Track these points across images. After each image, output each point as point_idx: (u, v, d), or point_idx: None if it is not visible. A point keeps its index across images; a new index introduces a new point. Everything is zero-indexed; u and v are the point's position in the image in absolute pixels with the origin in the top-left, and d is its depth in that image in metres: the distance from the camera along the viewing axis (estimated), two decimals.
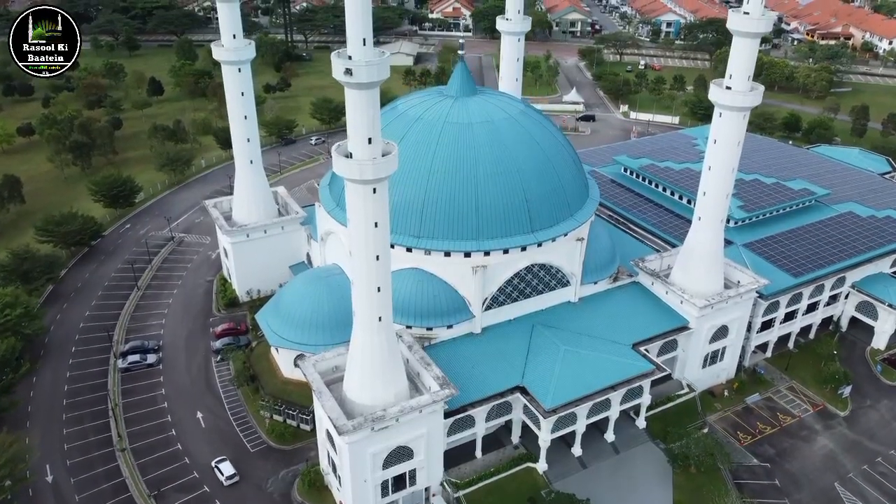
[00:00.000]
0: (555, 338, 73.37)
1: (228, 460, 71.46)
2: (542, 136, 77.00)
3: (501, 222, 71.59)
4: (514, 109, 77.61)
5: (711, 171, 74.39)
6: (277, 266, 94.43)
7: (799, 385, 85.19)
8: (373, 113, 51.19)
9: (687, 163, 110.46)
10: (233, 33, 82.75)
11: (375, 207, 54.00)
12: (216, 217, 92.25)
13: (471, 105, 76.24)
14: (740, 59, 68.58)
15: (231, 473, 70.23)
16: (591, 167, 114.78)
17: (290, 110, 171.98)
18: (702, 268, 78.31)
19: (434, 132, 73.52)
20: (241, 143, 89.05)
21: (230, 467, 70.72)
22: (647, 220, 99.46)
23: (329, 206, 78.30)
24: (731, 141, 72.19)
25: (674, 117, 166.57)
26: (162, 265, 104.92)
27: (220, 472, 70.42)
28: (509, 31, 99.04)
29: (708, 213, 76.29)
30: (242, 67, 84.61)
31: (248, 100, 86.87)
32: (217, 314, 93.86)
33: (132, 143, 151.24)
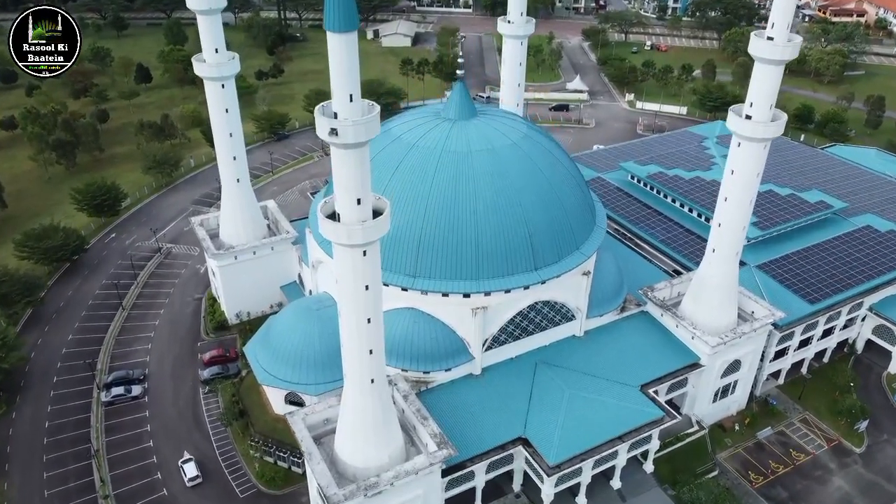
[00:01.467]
0: (559, 379, 69.52)
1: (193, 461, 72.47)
2: (545, 162, 71.96)
3: (503, 260, 67.07)
4: (516, 134, 72.39)
5: (728, 202, 69.49)
6: (268, 287, 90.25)
7: (812, 417, 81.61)
8: (362, 172, 46.32)
9: (697, 170, 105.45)
10: (215, 47, 76.99)
11: (366, 270, 49.46)
12: (202, 237, 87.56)
13: (470, 130, 71.05)
14: (762, 88, 63.18)
15: (194, 475, 70.97)
16: (596, 173, 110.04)
17: (283, 100, 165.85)
18: (715, 301, 74.04)
19: (431, 162, 68.49)
20: (226, 162, 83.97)
21: (194, 468, 71.56)
22: (655, 235, 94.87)
23: (319, 237, 73.57)
24: (750, 173, 67.20)
25: (681, 107, 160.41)
26: (148, 281, 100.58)
27: (184, 472, 71.64)
28: (512, 34, 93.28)
29: (723, 245, 71.62)
30: (226, 83, 79.04)
31: (233, 116, 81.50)
32: (205, 338, 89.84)
33: (119, 136, 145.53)
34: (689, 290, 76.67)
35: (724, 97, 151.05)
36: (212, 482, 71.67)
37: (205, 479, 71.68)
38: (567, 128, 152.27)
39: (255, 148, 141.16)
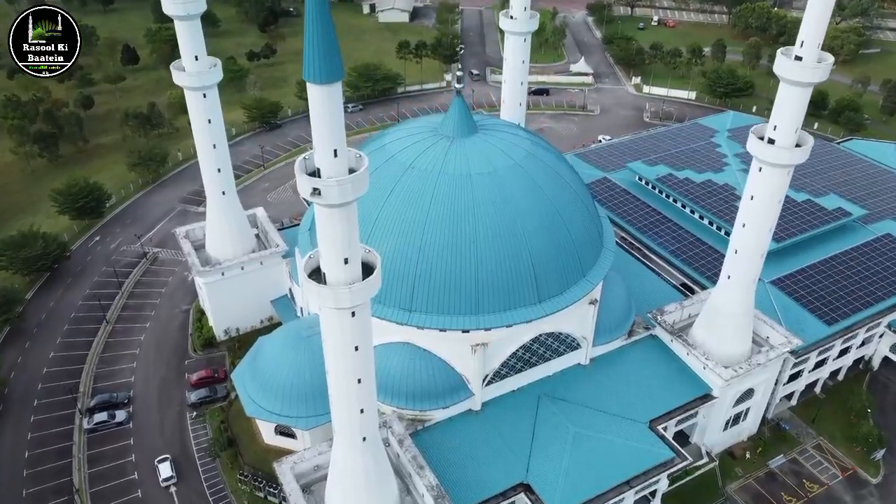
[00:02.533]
0: (563, 415, 65.80)
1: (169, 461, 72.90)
2: (550, 183, 66.97)
3: (504, 293, 62.65)
4: (519, 152, 67.25)
5: (746, 228, 64.73)
6: (258, 301, 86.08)
7: (827, 443, 78.19)
8: (350, 230, 41.69)
9: (708, 172, 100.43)
10: (195, 54, 71.41)
11: (356, 330, 45.20)
12: (187, 252, 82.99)
13: (469, 149, 65.94)
14: (789, 111, 58.03)
15: (168, 476, 71.16)
16: (602, 172, 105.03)
17: (276, 83, 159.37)
18: (728, 330, 69.89)
19: (428, 186, 63.56)
20: (211, 174, 78.95)
21: (168, 469, 71.68)
22: (664, 245, 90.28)
23: None
24: (772, 199, 62.37)
25: (690, 92, 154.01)
26: (134, 290, 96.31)
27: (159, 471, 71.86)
28: (515, 31, 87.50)
29: (739, 273, 67.14)
30: (208, 92, 73.62)
31: (216, 127, 76.23)
32: (193, 355, 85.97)
33: (105, 124, 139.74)
34: (701, 315, 72.46)
35: (735, 82, 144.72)
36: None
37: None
38: (571, 115, 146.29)
39: (246, 138, 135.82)
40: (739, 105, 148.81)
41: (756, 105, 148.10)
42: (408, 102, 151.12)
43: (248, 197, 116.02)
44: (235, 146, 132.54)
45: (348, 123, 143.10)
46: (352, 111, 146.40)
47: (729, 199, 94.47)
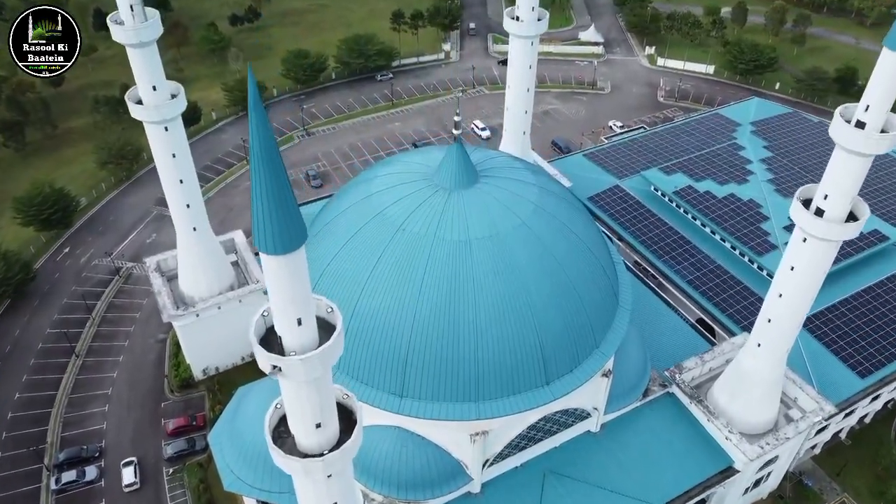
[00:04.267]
0: (570, 499, 59.78)
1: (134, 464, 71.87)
2: (560, 243, 58.69)
3: (508, 376, 55.36)
4: (526, 207, 58.66)
5: (783, 299, 56.96)
6: (238, 338, 77.89)
7: (851, 501, 72.63)
8: (324, 398, 34.28)
9: (730, 183, 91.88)
10: (152, 84, 61.86)
11: (330, 493, 38.55)
12: (157, 290, 75.46)
13: (468, 205, 57.38)
14: (844, 181, 49.42)
15: (131, 482, 70.23)
16: (614, 179, 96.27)
17: (261, 52, 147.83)
18: (755, 398, 63.17)
19: (421, 253, 55.38)
20: (179, 211, 70.52)
21: (132, 475, 70.76)
22: (681, 273, 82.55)
23: None
24: (816, 272, 54.46)
25: (708, 66, 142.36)
26: (105, 315, 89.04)
27: None
28: (521, 34, 77.82)
29: (772, 343, 59.84)
30: (171, 125, 64.38)
31: (182, 161, 67.38)
32: (170, 396, 79.55)
33: (75, 103, 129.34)
34: (725, 378, 65.54)
35: (758, 58, 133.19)
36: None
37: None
38: (579, 94, 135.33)
39: (228, 124, 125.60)
40: (762, 81, 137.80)
41: (779, 81, 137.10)
42: (403, 78, 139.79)
43: (229, 198, 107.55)
44: (216, 134, 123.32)
45: (339, 105, 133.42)
46: (381, 79, 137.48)
47: (754, 219, 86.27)
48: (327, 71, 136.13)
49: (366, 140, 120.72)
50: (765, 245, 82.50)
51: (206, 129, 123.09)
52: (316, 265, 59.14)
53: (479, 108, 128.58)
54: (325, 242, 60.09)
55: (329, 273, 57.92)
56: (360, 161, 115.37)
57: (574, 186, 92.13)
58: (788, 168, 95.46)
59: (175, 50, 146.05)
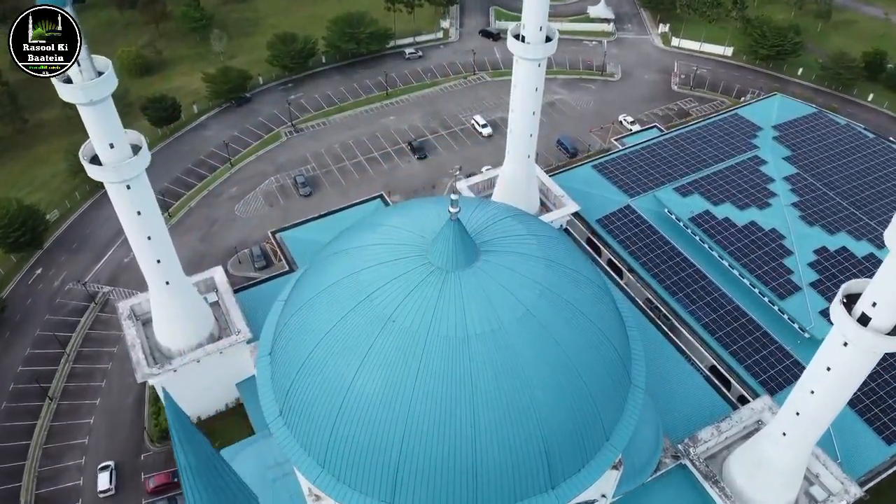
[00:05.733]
0: None
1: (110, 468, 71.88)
2: (569, 330, 52.75)
3: (509, 482, 50.34)
4: (532, 290, 52.36)
5: (815, 396, 51.40)
6: (221, 386, 74.42)
7: None
8: None
9: (751, 208, 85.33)
10: (109, 143, 54.67)
11: None
12: (131, 343, 69.77)
13: (467, 291, 51.14)
14: None
15: (105, 488, 70.40)
16: (625, 197, 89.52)
17: (247, 30, 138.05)
18: (776, 483, 58.49)
19: (413, 352, 49.45)
20: (149, 267, 64.07)
21: (106, 480, 70.92)
22: (696, 314, 76.79)
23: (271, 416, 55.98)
24: (854, 377, 48.76)
25: (726, 48, 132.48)
26: (81, 350, 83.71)
27: None
28: (528, 56, 70.09)
29: (798, 434, 54.71)
30: (133, 183, 57.37)
31: (149, 217, 60.48)
32: (151, 448, 75.07)
33: (47, 92, 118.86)
34: (743, 456, 60.67)
35: (782, 43, 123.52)
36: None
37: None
38: (587, 82, 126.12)
39: (210, 118, 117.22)
40: (783, 66, 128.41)
41: (802, 66, 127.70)
42: (398, 63, 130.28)
43: (212, 209, 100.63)
44: (197, 130, 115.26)
45: (329, 95, 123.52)
46: (409, 57, 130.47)
47: (776, 253, 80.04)
48: (317, 56, 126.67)
49: (358, 138, 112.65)
50: (787, 286, 76.46)
51: (187, 124, 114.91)
52: (297, 353, 53.73)
53: (480, 100, 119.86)
54: (306, 327, 54.22)
55: (311, 367, 52.13)
56: (352, 164, 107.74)
57: (582, 206, 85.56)
58: (813, 188, 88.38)
59: (153, 27, 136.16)
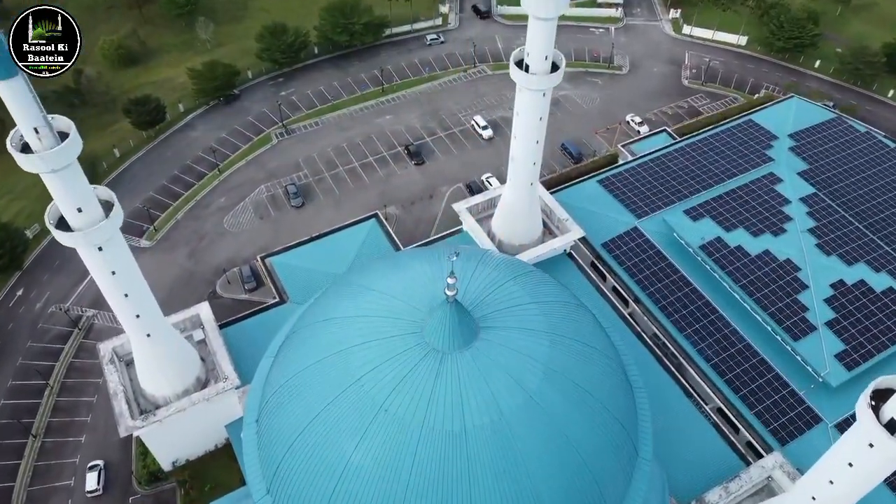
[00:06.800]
0: None
1: None
2: (575, 415, 49.56)
3: None
4: (535, 372, 48.83)
5: (833, 486, 48.50)
6: (209, 429, 71.62)
7: None
8: None
9: (765, 234, 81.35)
10: (77, 207, 50.30)
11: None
12: (113, 391, 66.38)
13: (465, 377, 47.62)
14: None
15: (93, 488, 71.25)
16: (633, 218, 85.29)
17: (235, 15, 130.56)
18: None
19: (407, 446, 46.19)
20: (128, 322, 60.28)
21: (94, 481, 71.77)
22: (704, 353, 73.48)
23: (259, 493, 53.09)
24: (877, 475, 45.69)
25: (741, 37, 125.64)
26: (65, 381, 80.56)
27: None
28: (532, 87, 65.21)
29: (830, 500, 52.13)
30: (106, 244, 53.17)
31: (126, 275, 56.47)
32: (139, 490, 72.73)
33: None
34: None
35: (800, 35, 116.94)
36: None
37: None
38: (594, 75, 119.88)
39: (197, 117, 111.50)
40: (800, 58, 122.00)
41: (820, 59, 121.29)
42: (394, 52, 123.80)
43: (200, 222, 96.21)
44: (183, 132, 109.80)
45: (322, 91, 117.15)
46: (430, 43, 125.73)
47: (791, 286, 76.34)
48: (309, 47, 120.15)
49: (352, 140, 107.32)
50: (801, 327, 72.92)
51: (172, 124, 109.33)
52: (285, 431, 50.63)
53: (481, 97, 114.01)
54: (295, 405, 50.93)
55: (301, 448, 49.09)
56: (346, 170, 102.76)
57: (587, 229, 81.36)
58: (832, 211, 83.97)
59: (137, 11, 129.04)
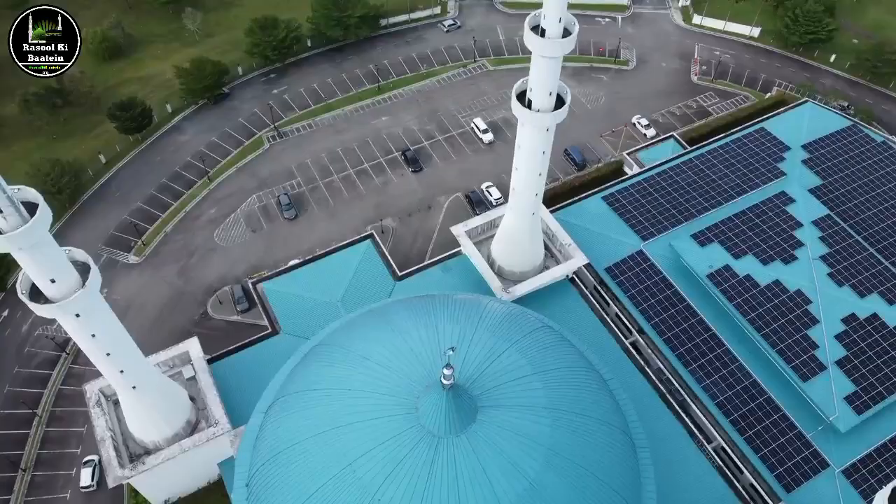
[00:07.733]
0: None
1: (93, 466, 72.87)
2: (576, 498, 47.56)
3: None
4: (535, 457, 46.80)
5: None
6: (200, 469, 70.10)
7: None
8: None
9: (776, 262, 78.53)
10: (50, 278, 47.31)
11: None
12: (100, 438, 64.33)
13: (462, 466, 45.66)
14: None
15: (87, 484, 72.18)
16: (638, 240, 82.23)
17: (227, 5, 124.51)
18: None
19: None
20: (113, 377, 57.95)
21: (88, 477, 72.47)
22: (709, 390, 71.32)
23: None
24: None
25: (753, 28, 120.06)
26: (54, 410, 78.67)
27: None
28: (535, 124, 61.54)
29: None
30: (84, 311, 50.35)
31: (106, 337, 53.82)
32: None
33: (4, 81, 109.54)
34: None
35: (816, 30, 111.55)
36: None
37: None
38: (599, 71, 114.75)
39: (185, 119, 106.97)
40: (815, 52, 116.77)
41: (835, 54, 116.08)
42: (391, 46, 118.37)
43: (190, 235, 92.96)
44: (171, 135, 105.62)
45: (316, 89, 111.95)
46: (448, 30, 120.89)
47: (801, 321, 73.89)
48: (302, 41, 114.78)
49: (347, 145, 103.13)
50: (811, 366, 70.58)
51: (160, 126, 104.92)
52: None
53: (481, 95, 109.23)
54: (285, 482, 48.95)
55: None
56: (340, 177, 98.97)
57: (590, 251, 78.44)
58: (845, 236, 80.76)
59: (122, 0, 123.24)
